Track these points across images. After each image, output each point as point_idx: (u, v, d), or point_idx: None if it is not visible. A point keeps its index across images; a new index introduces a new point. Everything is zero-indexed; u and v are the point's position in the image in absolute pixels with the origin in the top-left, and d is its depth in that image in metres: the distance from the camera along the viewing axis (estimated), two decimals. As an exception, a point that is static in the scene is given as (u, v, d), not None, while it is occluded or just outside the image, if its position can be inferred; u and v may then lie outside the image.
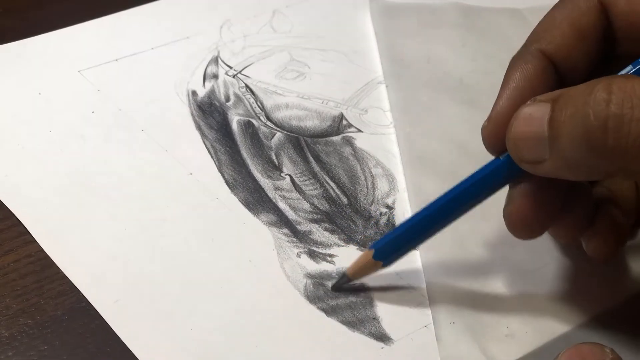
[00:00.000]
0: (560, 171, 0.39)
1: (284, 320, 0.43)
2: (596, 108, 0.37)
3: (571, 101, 0.38)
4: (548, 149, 0.39)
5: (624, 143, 0.36)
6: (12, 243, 0.46)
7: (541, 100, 0.39)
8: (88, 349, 0.42)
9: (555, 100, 0.39)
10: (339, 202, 0.50)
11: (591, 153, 0.37)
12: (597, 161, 0.37)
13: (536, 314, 0.44)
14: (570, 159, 0.38)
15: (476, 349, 0.42)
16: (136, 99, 0.55)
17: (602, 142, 0.37)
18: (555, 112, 0.38)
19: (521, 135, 0.40)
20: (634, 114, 0.36)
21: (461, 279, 0.45)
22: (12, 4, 0.62)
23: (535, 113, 0.39)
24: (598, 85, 0.37)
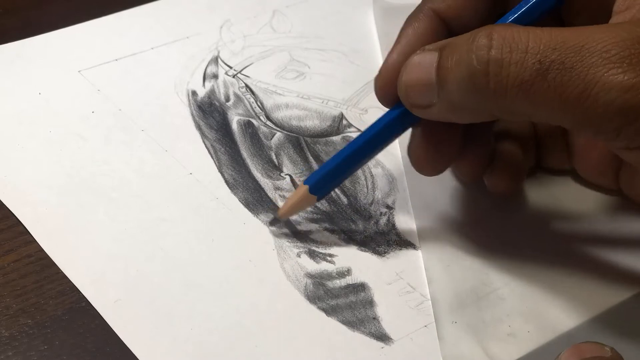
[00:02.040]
0: (448, 114, 0.42)
1: (284, 320, 0.43)
2: (478, 53, 0.40)
3: (457, 48, 0.41)
4: (436, 94, 0.41)
5: (504, 84, 0.39)
6: (12, 243, 0.46)
7: (429, 49, 0.42)
8: (88, 349, 0.42)
9: (442, 48, 0.41)
10: (339, 202, 0.50)
11: (475, 95, 0.40)
12: (481, 103, 0.40)
13: (538, 313, 0.44)
14: (457, 102, 0.41)
15: (478, 348, 0.42)
16: (136, 99, 0.55)
17: (484, 85, 0.39)
18: (442, 59, 0.41)
19: (411, 82, 0.43)
20: (512, 57, 0.39)
21: (463, 278, 0.45)
22: (12, 4, 0.62)
23: (424, 61, 0.42)
24: (480, 33, 0.40)
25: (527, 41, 0.39)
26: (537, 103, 0.39)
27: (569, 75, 0.38)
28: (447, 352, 0.42)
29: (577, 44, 0.38)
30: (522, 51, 0.39)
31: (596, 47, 0.38)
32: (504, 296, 0.45)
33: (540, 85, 0.38)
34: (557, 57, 0.38)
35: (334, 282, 0.45)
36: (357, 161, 0.46)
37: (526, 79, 0.38)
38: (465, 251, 0.47)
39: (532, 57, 0.38)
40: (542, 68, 0.38)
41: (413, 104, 0.43)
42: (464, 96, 0.40)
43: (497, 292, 0.45)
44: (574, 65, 0.38)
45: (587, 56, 0.38)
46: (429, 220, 0.48)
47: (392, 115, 0.45)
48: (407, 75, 0.43)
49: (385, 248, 0.47)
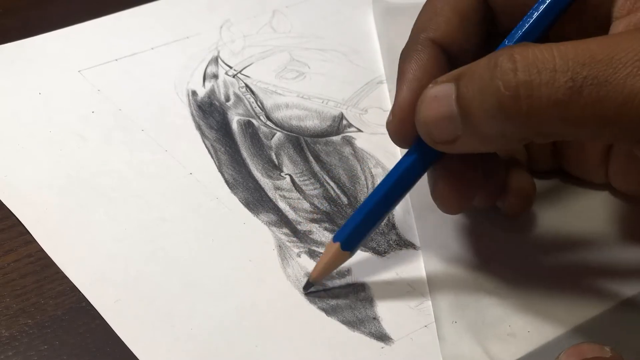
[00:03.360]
0: (475, 145, 0.41)
1: (284, 320, 0.43)
2: (504, 78, 0.38)
3: (476, 76, 0.39)
4: (460, 126, 0.40)
5: (537, 106, 0.37)
6: (12, 243, 0.46)
7: (443, 81, 0.40)
8: (88, 349, 0.42)
9: (458, 78, 0.40)
10: (339, 202, 0.50)
11: (507, 122, 0.38)
12: (513, 129, 0.38)
13: (538, 313, 0.44)
14: (485, 131, 0.39)
15: (478, 348, 0.42)
16: (136, 99, 0.55)
17: (516, 110, 0.38)
18: (461, 89, 0.39)
19: (430, 117, 0.41)
20: (542, 78, 0.37)
21: (463, 278, 0.45)
22: (12, 4, 0.62)
23: (440, 94, 0.40)
24: (501, 57, 0.38)
25: (552, 59, 0.37)
26: (574, 122, 0.37)
27: (605, 90, 0.37)
28: (447, 352, 0.42)
29: (606, 56, 0.37)
30: (551, 70, 0.37)
31: (627, 56, 0.37)
32: (504, 296, 0.45)
33: (576, 103, 0.37)
34: (590, 73, 0.37)
35: (334, 282, 0.45)
36: (384, 210, 0.44)
37: (560, 98, 0.37)
38: (465, 251, 0.47)
39: (562, 76, 0.37)
40: (576, 85, 0.37)
41: (437, 140, 0.41)
42: (493, 124, 0.39)
43: (497, 291, 0.45)
44: (608, 78, 0.37)
45: (620, 68, 0.37)
46: (428, 221, 0.48)
47: (413, 157, 0.43)
48: (426, 111, 0.41)
49: (385, 248, 0.47)
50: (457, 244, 0.47)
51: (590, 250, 0.47)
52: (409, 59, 0.44)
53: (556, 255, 0.47)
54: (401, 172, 0.44)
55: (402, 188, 0.44)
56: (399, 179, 0.44)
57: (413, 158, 0.43)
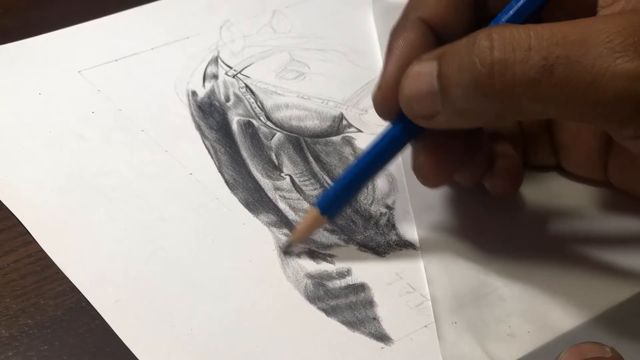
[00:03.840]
0: (453, 121, 0.42)
1: (284, 320, 0.43)
2: (481, 55, 0.39)
3: (456, 54, 0.40)
4: (440, 102, 0.41)
5: (510, 84, 0.39)
6: (12, 243, 0.46)
7: (427, 58, 0.42)
8: (88, 349, 0.42)
9: (441, 56, 0.41)
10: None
11: (482, 99, 0.40)
12: (488, 106, 0.40)
13: (538, 313, 0.44)
14: (462, 107, 0.41)
15: (478, 348, 0.42)
16: (136, 99, 0.55)
17: (490, 86, 0.39)
18: (442, 67, 0.41)
19: (412, 93, 0.42)
20: (516, 56, 0.38)
21: (463, 278, 0.45)
22: (12, 4, 0.62)
23: (423, 70, 0.42)
24: (479, 35, 0.39)
25: (528, 39, 0.38)
26: (545, 100, 0.39)
27: (575, 69, 0.38)
28: (447, 352, 0.42)
29: (579, 37, 0.38)
30: (525, 49, 0.38)
31: (599, 38, 0.38)
32: (504, 296, 0.45)
33: (547, 81, 0.38)
34: (562, 52, 0.38)
35: (334, 283, 0.45)
36: (364, 179, 0.46)
37: (533, 77, 0.38)
38: (465, 251, 0.47)
39: (536, 54, 0.38)
40: (548, 64, 0.38)
41: (417, 115, 0.43)
42: (469, 101, 0.40)
43: (497, 292, 0.45)
44: (580, 58, 0.38)
45: (591, 48, 0.37)
46: (428, 221, 0.48)
47: (396, 129, 0.45)
48: (408, 86, 0.42)
49: (385, 248, 0.47)
50: (457, 244, 0.47)
51: (589, 249, 0.47)
52: (397, 36, 0.45)
53: (556, 255, 0.47)
54: (383, 143, 0.45)
55: (382, 159, 0.45)
56: (381, 150, 0.45)
57: (395, 130, 0.45)
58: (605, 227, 0.49)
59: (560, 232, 0.48)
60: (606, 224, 0.49)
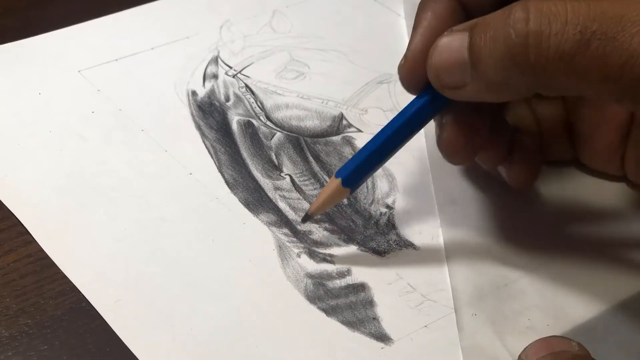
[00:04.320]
0: (481, 93, 0.42)
1: (284, 320, 0.43)
2: (516, 26, 0.39)
3: (490, 24, 0.40)
4: (469, 74, 0.41)
5: (545, 57, 0.38)
6: (12, 243, 0.46)
7: (458, 29, 0.42)
8: (88, 349, 0.42)
9: (473, 27, 0.41)
10: (338, 202, 0.49)
11: (514, 70, 0.39)
12: (520, 78, 0.40)
13: (557, 306, 0.44)
14: (493, 79, 0.41)
15: (497, 341, 0.42)
16: (136, 99, 0.55)
17: (524, 58, 0.39)
18: (474, 38, 0.41)
19: (442, 63, 0.42)
20: (552, 29, 0.38)
21: (483, 271, 0.46)
22: (12, 4, 0.62)
23: (454, 42, 0.42)
24: (516, 7, 0.39)
25: (565, 12, 0.38)
26: (578, 75, 0.38)
27: (611, 46, 0.37)
28: (466, 343, 0.42)
29: (617, 14, 0.38)
30: (562, 23, 0.38)
31: (637, 16, 0.37)
32: (524, 289, 0.45)
33: (582, 56, 0.38)
34: (599, 28, 0.38)
35: (334, 282, 0.45)
36: (388, 151, 0.45)
37: (567, 50, 0.38)
38: (486, 244, 0.47)
39: (572, 28, 0.38)
40: (584, 39, 0.38)
41: (445, 85, 0.42)
42: (501, 72, 0.40)
43: (517, 284, 0.45)
44: (616, 35, 0.37)
45: (628, 26, 0.37)
46: (452, 214, 0.49)
47: (422, 101, 0.44)
48: (437, 57, 0.42)
49: (385, 248, 0.47)
50: (478, 237, 0.48)
51: (607, 243, 0.48)
52: (426, 8, 0.45)
53: (575, 249, 0.47)
54: (408, 115, 0.45)
55: (406, 131, 0.45)
56: (405, 122, 0.45)
57: (421, 103, 0.44)
58: (622, 221, 0.49)
59: (579, 226, 0.49)
60: (623, 218, 0.49)
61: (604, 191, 0.50)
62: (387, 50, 0.60)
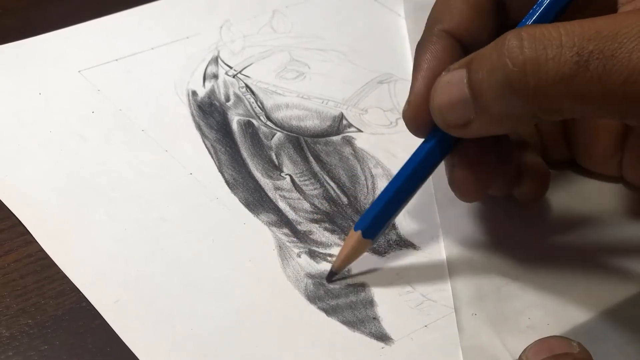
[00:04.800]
0: (487, 127, 0.42)
1: (284, 320, 0.43)
2: (512, 55, 0.38)
3: (485, 58, 0.40)
4: (472, 109, 0.41)
5: (544, 81, 0.38)
6: (12, 243, 0.46)
7: (455, 67, 0.42)
8: (88, 349, 0.42)
9: (469, 63, 0.41)
10: (339, 202, 0.50)
11: (515, 99, 0.39)
12: (522, 107, 0.39)
13: (558, 305, 0.44)
14: (496, 111, 0.40)
15: (497, 340, 0.42)
16: (136, 99, 0.55)
17: (524, 86, 0.38)
18: (472, 73, 0.40)
19: (444, 102, 0.42)
20: (548, 53, 0.38)
21: (483, 271, 0.46)
22: (12, 4, 0.62)
23: (453, 79, 0.41)
24: (508, 36, 0.39)
25: (559, 36, 0.38)
26: (581, 96, 0.38)
27: (611, 64, 0.37)
28: (466, 343, 0.42)
29: (612, 31, 0.37)
30: (557, 46, 0.38)
31: (632, 32, 0.37)
32: (524, 288, 0.45)
33: (582, 77, 0.37)
34: (595, 47, 0.37)
35: (334, 282, 0.45)
36: (403, 198, 0.45)
37: (567, 73, 0.37)
38: (486, 244, 0.47)
39: (569, 51, 0.37)
40: (582, 60, 0.37)
41: (450, 125, 0.42)
42: (503, 103, 0.40)
43: (517, 284, 0.45)
44: (614, 52, 0.37)
45: (625, 42, 0.37)
46: (452, 214, 0.49)
47: (430, 145, 0.44)
48: (439, 97, 0.42)
49: (385, 248, 0.47)
50: (478, 236, 0.48)
51: (607, 243, 0.48)
52: (424, 50, 0.45)
53: (574, 249, 0.47)
54: (419, 159, 0.44)
55: (420, 175, 0.45)
56: (417, 166, 0.44)
57: (430, 146, 0.44)
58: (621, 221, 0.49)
59: (579, 226, 0.49)
60: (622, 219, 0.49)
61: (602, 192, 0.50)
62: (387, 50, 0.61)
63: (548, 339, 0.39)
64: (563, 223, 0.49)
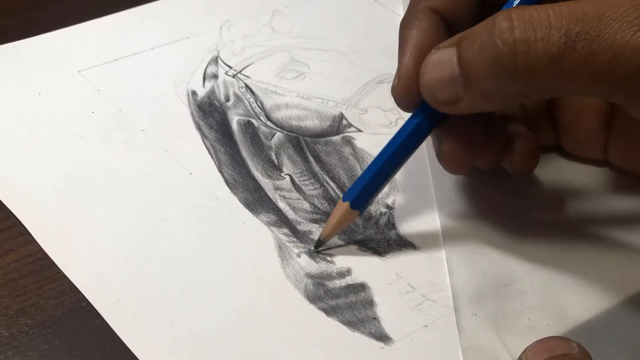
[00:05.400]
0: (477, 104, 0.43)
1: (284, 320, 0.43)
2: (502, 36, 0.40)
3: (476, 37, 0.41)
4: (462, 87, 0.42)
5: (533, 61, 0.39)
6: (12, 243, 0.46)
7: (445, 45, 0.43)
8: (88, 349, 0.42)
9: (459, 41, 0.42)
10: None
11: (505, 78, 0.40)
12: (512, 85, 0.40)
13: (558, 306, 0.44)
14: (486, 89, 0.41)
15: (497, 341, 0.42)
16: (136, 99, 0.55)
17: (513, 65, 0.40)
18: (462, 51, 0.41)
19: (434, 80, 0.43)
20: (537, 34, 0.39)
21: (483, 271, 0.46)
22: (12, 4, 0.62)
23: (443, 57, 0.42)
24: (499, 17, 0.40)
25: (547, 17, 0.39)
26: (568, 76, 0.39)
27: (596, 44, 0.38)
28: (466, 343, 0.42)
29: (597, 13, 0.39)
30: (546, 27, 0.39)
31: (617, 13, 0.38)
32: (524, 289, 0.45)
33: (569, 57, 0.39)
34: (582, 28, 0.38)
35: (334, 282, 0.45)
36: (391, 169, 0.46)
37: (555, 53, 0.39)
38: (486, 244, 0.47)
39: (556, 32, 0.39)
40: (569, 40, 0.39)
41: (440, 102, 0.43)
42: (493, 81, 0.41)
43: (517, 284, 0.45)
44: (600, 33, 0.38)
45: (610, 23, 0.38)
46: (451, 213, 0.49)
47: (418, 119, 0.45)
48: (429, 74, 0.43)
49: (385, 248, 0.47)
50: (479, 236, 0.48)
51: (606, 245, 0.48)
52: (410, 26, 0.46)
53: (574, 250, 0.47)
54: (407, 133, 0.45)
55: (408, 148, 0.46)
56: (405, 139, 0.45)
57: (418, 120, 0.45)
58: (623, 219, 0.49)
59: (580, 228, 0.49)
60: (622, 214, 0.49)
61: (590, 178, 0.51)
62: (387, 50, 0.60)
63: (548, 339, 0.39)
64: (564, 224, 0.49)
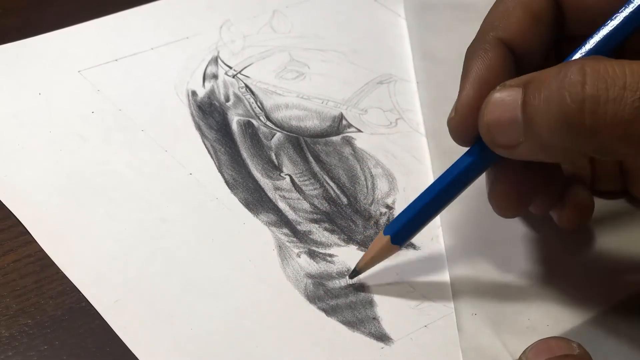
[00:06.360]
0: (535, 153, 0.40)
1: (284, 320, 0.43)
2: (572, 90, 0.37)
3: (544, 85, 0.38)
4: (523, 133, 0.39)
5: (602, 123, 0.37)
6: (12, 243, 0.46)
7: (511, 85, 0.40)
8: (88, 349, 0.42)
9: (527, 85, 0.39)
10: (339, 202, 0.50)
11: (568, 134, 0.38)
12: (574, 142, 0.38)
13: (558, 306, 0.44)
14: (546, 141, 0.39)
15: (497, 341, 0.42)
16: (136, 99, 0.55)
17: (579, 123, 0.37)
18: (528, 96, 0.39)
19: (494, 121, 0.40)
20: (609, 94, 0.37)
21: (483, 271, 0.46)
22: (12, 4, 0.62)
23: (507, 98, 0.40)
24: (572, 68, 0.38)
25: (623, 76, 0.37)
26: (637, 143, 0.37)
27: None
28: (465, 343, 0.42)
29: None
30: (620, 87, 0.36)
31: None
32: (524, 289, 0.45)
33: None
34: None
35: (334, 282, 0.45)
36: (437, 207, 0.44)
37: (626, 118, 0.36)
38: (486, 244, 0.47)
39: (631, 94, 0.36)
40: None
41: (498, 144, 0.41)
42: (555, 135, 0.38)
43: (517, 285, 0.45)
44: None
45: None
46: (452, 214, 0.48)
47: (473, 157, 0.43)
48: (490, 114, 0.40)
49: (385, 248, 0.47)
50: (479, 236, 0.48)
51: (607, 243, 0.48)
52: (475, 57, 0.43)
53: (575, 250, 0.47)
54: (459, 171, 0.43)
55: (458, 187, 0.44)
56: (457, 177, 0.43)
57: (472, 159, 0.43)
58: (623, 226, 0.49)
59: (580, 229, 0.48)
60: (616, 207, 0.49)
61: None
62: (387, 50, 0.61)
63: (548, 339, 0.39)
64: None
